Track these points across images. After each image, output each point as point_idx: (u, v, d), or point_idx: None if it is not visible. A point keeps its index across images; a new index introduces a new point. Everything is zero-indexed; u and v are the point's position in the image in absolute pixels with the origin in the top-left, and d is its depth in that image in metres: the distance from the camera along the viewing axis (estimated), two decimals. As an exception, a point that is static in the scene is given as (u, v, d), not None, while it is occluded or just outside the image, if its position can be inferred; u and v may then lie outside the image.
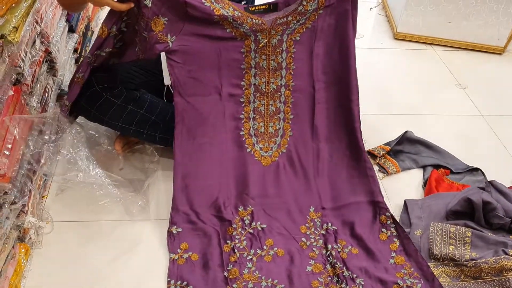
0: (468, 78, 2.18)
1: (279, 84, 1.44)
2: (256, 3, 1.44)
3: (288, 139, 1.49)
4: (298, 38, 1.40)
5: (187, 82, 1.36)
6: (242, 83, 1.42)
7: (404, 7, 2.34)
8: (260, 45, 1.37)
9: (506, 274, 1.22)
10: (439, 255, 1.31)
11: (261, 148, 1.48)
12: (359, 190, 1.46)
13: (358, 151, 1.48)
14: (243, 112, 1.45)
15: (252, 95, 1.44)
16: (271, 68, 1.42)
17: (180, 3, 1.25)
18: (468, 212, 1.41)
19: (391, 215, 1.41)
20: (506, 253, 1.26)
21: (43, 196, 1.42)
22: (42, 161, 1.31)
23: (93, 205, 1.37)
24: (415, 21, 2.37)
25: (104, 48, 1.32)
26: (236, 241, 1.32)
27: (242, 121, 1.46)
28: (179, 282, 1.23)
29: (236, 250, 1.30)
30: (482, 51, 2.38)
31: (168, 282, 1.23)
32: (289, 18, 1.35)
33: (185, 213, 1.37)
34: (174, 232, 1.34)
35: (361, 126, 1.48)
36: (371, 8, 2.73)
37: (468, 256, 1.28)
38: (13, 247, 1.17)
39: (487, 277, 1.24)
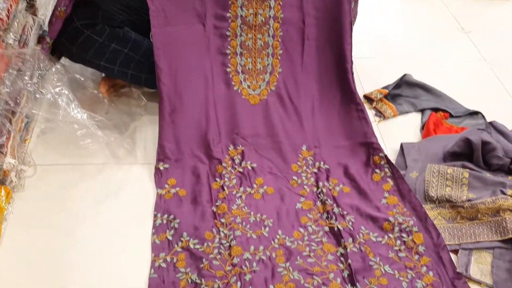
0: (471, 22, 2.11)
1: (268, 16, 1.38)
2: None
3: (278, 76, 1.43)
4: None
5: (167, 8, 1.30)
6: (228, 14, 1.36)
7: None
8: None
9: (502, 215, 1.20)
10: (435, 197, 1.28)
11: (248, 86, 1.42)
12: (351, 132, 1.42)
13: (349, 92, 1.44)
14: (229, 47, 1.39)
15: (239, 28, 1.38)
16: None
17: None
18: (466, 153, 1.37)
19: (385, 156, 1.37)
20: (503, 193, 1.24)
21: (25, 140, 1.37)
22: (23, 102, 1.26)
23: (76, 148, 1.32)
24: (417, -37, 2.27)
25: None
26: (226, 179, 1.30)
27: (229, 57, 1.40)
28: (165, 216, 1.20)
29: (225, 188, 1.27)
30: (487, -6, 2.29)
31: (155, 216, 1.21)
32: None
33: (172, 149, 1.34)
34: (161, 168, 1.31)
35: (352, 67, 1.43)
36: None
37: (465, 197, 1.25)
38: (-7, 189, 1.13)
39: (484, 218, 1.22)
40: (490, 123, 1.44)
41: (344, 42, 1.41)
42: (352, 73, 1.44)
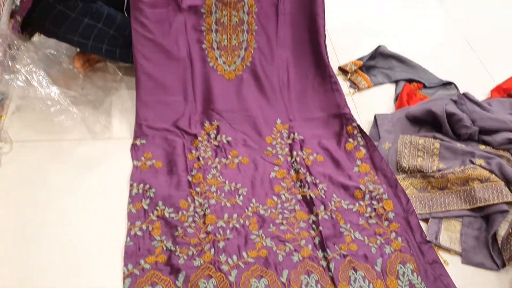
0: (447, -8, 2.11)
1: None
2: None
3: (253, 51, 1.44)
4: None
5: None
6: None
7: None
8: None
9: (471, 184, 1.23)
10: (407, 167, 1.31)
11: (224, 62, 1.43)
12: (325, 104, 1.45)
13: (323, 65, 1.46)
14: (204, 24, 1.39)
15: (213, 5, 1.37)
16: None
17: None
18: (428, 121, 1.40)
19: (358, 125, 1.40)
20: (472, 162, 1.27)
21: (0, 116, 1.37)
22: (-4, 79, 1.26)
23: (52, 124, 1.31)
24: None
25: None
26: (201, 151, 1.32)
27: (204, 34, 1.40)
28: (141, 185, 1.23)
29: (200, 158, 1.30)
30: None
31: (131, 185, 1.23)
32: None
33: (149, 127, 1.36)
34: (138, 143, 1.33)
35: (326, 40, 1.44)
36: None
37: (435, 167, 1.28)
38: (-31, 166, 1.14)
39: (453, 187, 1.25)
40: (464, 94, 1.46)
41: (317, 16, 1.42)
42: (326, 46, 1.46)
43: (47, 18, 1.33)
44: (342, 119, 1.42)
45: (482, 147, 1.34)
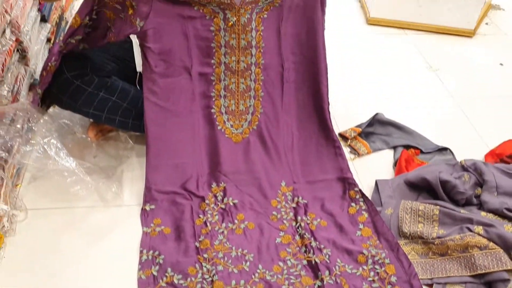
0: (439, 60, 2.22)
1: (250, 63, 1.45)
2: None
3: (259, 116, 1.51)
4: (265, 16, 1.41)
5: (158, 64, 1.38)
6: (212, 61, 1.43)
7: (376, -8, 2.38)
8: (229, 24, 1.37)
9: (471, 251, 1.25)
10: (408, 233, 1.34)
11: (231, 126, 1.50)
12: (328, 168, 1.50)
13: (327, 130, 1.52)
14: (213, 90, 1.46)
15: (222, 73, 1.45)
16: (241, 47, 1.42)
17: None
18: (425, 187, 1.45)
19: (360, 190, 1.45)
20: (470, 230, 1.29)
21: (16, 185, 1.42)
22: (14, 150, 1.32)
23: (66, 192, 1.37)
24: (387, 6, 2.41)
25: (75, 36, 1.34)
26: (209, 215, 1.36)
27: (213, 99, 1.47)
28: (151, 252, 1.26)
29: (208, 224, 1.33)
30: (453, 34, 2.41)
31: (141, 252, 1.26)
32: None
33: (158, 191, 1.40)
34: (148, 209, 1.37)
35: (329, 107, 1.51)
36: (345, -6, 2.76)
37: (435, 234, 1.31)
38: (-14, 234, 1.18)
39: (454, 254, 1.27)
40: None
41: (320, 84, 1.50)
42: (329, 112, 1.52)
43: (66, 93, 1.41)
44: (345, 183, 1.47)
45: (483, 214, 1.37)
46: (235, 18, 1.37)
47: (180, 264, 1.22)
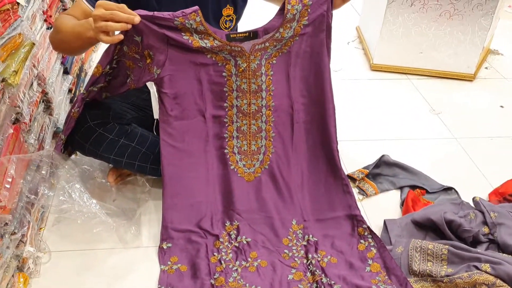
0: (441, 104, 2.30)
1: (260, 105, 1.52)
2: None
3: (270, 156, 1.57)
4: (274, 61, 1.49)
5: (173, 108, 1.45)
6: (225, 104, 1.50)
7: (378, 40, 2.49)
8: (240, 70, 1.45)
9: None
10: (418, 271, 1.37)
11: (244, 165, 1.55)
12: (337, 205, 1.54)
13: (335, 168, 1.56)
14: (226, 132, 1.53)
15: (235, 115, 1.52)
16: (252, 90, 1.49)
17: (162, 36, 1.34)
18: (431, 226, 1.50)
19: (368, 227, 1.50)
20: (478, 268, 1.32)
21: (40, 228, 1.49)
22: (39, 195, 1.40)
23: (87, 235, 1.44)
24: (389, 53, 2.52)
25: (97, 84, 1.42)
26: (223, 253, 1.41)
27: (226, 140, 1.53)
28: None
29: (222, 261, 1.38)
30: (454, 78, 2.51)
31: None
32: (267, 44, 1.44)
33: (174, 229, 1.46)
34: (165, 247, 1.43)
35: (338, 146, 1.56)
36: (349, 42, 2.89)
37: (443, 272, 1.34)
38: (12, 276, 1.24)
39: None
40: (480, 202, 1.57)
41: (329, 125, 1.55)
42: (338, 152, 1.57)
43: (88, 140, 1.49)
44: (353, 220, 1.51)
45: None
46: (245, 64, 1.45)
47: None
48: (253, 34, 1.42)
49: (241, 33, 1.42)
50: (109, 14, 1.19)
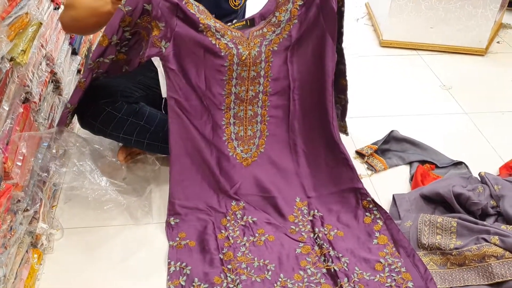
0: (452, 79, 2.28)
1: (258, 91, 1.52)
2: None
3: (265, 139, 1.58)
4: (275, 48, 1.48)
5: (182, 87, 1.45)
6: (223, 92, 1.50)
7: (388, 15, 2.46)
8: (243, 58, 1.45)
9: (488, 260, 1.29)
10: (427, 244, 1.38)
11: (241, 151, 1.56)
12: (339, 179, 1.53)
13: (333, 143, 1.54)
14: (224, 119, 1.53)
15: (232, 102, 1.52)
16: (250, 77, 1.49)
17: (173, 8, 1.32)
18: (440, 200, 1.50)
19: (372, 200, 1.50)
20: (486, 240, 1.33)
21: (53, 206, 1.52)
22: (51, 172, 1.42)
23: (99, 210, 1.46)
24: (399, 28, 2.49)
25: (107, 56, 1.37)
26: (230, 231, 1.43)
27: (224, 127, 1.54)
28: (178, 263, 1.33)
29: (230, 238, 1.40)
30: (465, 53, 2.48)
31: (169, 263, 1.34)
32: (265, 30, 1.44)
33: (181, 206, 1.48)
34: (172, 223, 1.45)
35: (335, 120, 1.54)
36: (358, 19, 2.86)
37: (452, 245, 1.34)
38: (26, 251, 1.27)
39: (471, 264, 1.31)
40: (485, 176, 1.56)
41: (326, 100, 1.51)
42: (334, 126, 1.54)
43: (98, 119, 1.51)
44: (357, 193, 1.51)
45: (504, 227, 1.39)
46: (247, 52, 1.45)
47: (206, 275, 1.30)
48: (250, 22, 1.44)
49: (238, 22, 1.44)
50: None
